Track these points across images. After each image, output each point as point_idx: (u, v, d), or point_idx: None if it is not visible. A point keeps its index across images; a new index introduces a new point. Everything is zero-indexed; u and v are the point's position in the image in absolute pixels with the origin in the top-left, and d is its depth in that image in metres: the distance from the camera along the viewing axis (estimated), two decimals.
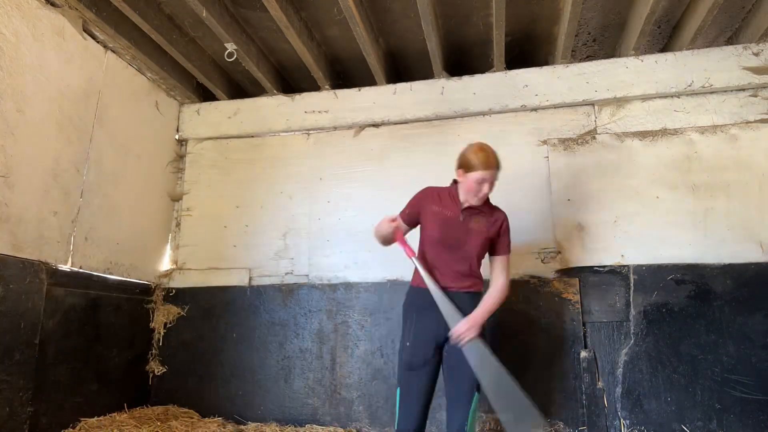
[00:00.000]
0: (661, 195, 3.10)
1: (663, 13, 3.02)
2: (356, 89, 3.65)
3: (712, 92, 3.15)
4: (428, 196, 2.24)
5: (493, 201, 3.57)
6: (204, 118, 3.89)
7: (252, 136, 3.82)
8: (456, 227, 2.13)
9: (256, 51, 3.40)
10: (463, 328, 1.97)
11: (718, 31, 3.17)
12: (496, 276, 2.17)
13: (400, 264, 3.28)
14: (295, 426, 3.13)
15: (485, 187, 2.08)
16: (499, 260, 2.19)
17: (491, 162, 2.06)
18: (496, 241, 2.18)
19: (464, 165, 2.10)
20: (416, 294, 2.16)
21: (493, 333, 3.03)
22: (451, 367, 2.06)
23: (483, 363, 1.95)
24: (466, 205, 2.15)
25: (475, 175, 2.06)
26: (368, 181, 3.54)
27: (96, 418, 2.84)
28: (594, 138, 3.27)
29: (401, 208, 2.28)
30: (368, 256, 3.40)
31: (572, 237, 3.15)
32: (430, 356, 2.06)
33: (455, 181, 2.23)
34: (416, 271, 2.15)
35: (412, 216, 2.26)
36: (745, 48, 3.11)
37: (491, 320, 2.13)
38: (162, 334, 3.44)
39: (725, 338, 2.81)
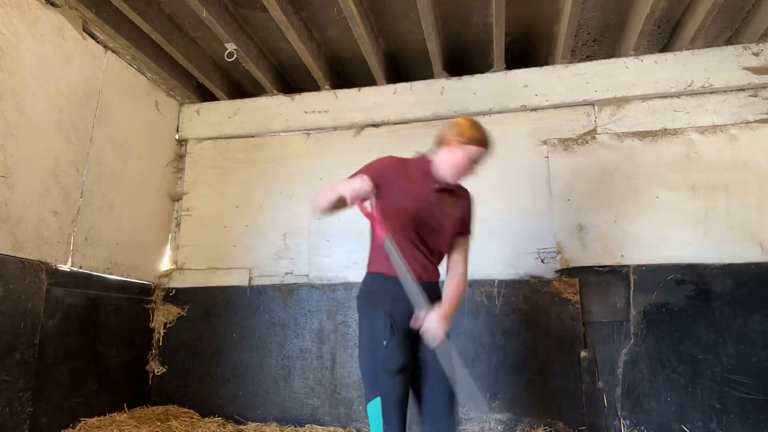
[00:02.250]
0: (661, 195, 3.10)
1: (663, 13, 3.02)
2: (356, 89, 3.65)
3: (712, 92, 3.15)
4: (393, 167, 1.87)
5: (494, 199, 3.56)
6: (204, 118, 3.89)
7: (252, 136, 3.81)
8: (431, 208, 1.83)
9: (256, 51, 3.40)
10: (437, 325, 1.65)
11: (718, 31, 3.17)
12: (460, 260, 1.89)
13: None
14: (295, 426, 3.13)
15: (475, 168, 1.85)
16: (463, 241, 1.92)
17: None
18: (463, 222, 1.92)
19: (462, 135, 1.81)
20: (385, 283, 1.79)
21: (493, 333, 3.05)
22: (427, 370, 1.78)
23: (453, 364, 1.69)
24: (442, 183, 1.85)
25: (473, 150, 1.80)
26: None
27: (96, 418, 2.84)
28: (594, 138, 3.27)
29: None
30: None
31: (572, 237, 3.15)
32: (410, 359, 1.74)
33: (424, 157, 1.93)
34: (379, 255, 1.83)
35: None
36: (745, 48, 3.11)
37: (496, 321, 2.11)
38: (162, 334, 3.44)
39: (725, 338, 2.81)
